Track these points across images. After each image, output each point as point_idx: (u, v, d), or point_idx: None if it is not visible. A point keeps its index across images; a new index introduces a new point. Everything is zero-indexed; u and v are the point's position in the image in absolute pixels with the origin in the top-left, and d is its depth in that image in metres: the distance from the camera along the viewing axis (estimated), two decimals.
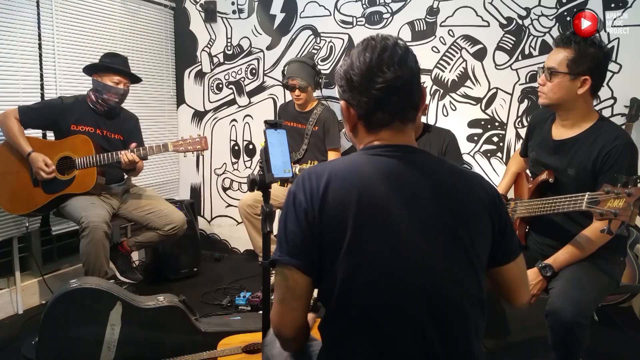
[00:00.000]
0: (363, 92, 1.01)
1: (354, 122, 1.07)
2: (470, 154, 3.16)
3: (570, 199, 1.61)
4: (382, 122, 1.03)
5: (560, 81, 1.73)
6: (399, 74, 0.99)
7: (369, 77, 1.00)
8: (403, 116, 1.04)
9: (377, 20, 3.25)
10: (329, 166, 1.02)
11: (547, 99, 1.79)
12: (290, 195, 1.02)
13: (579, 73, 1.71)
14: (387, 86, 0.99)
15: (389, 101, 1.01)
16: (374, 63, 1.00)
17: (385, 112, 1.02)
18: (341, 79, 1.06)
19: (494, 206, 1.05)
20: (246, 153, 3.77)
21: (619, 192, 1.40)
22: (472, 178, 1.07)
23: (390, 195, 0.97)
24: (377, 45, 1.01)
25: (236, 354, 1.96)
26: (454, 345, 0.98)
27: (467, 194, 1.03)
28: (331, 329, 1.03)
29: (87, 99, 2.62)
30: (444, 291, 0.97)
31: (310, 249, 0.98)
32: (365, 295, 0.96)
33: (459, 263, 0.99)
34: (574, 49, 1.71)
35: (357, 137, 1.10)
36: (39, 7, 2.71)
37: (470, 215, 1.01)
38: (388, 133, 1.04)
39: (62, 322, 1.93)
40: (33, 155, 2.43)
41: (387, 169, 1.00)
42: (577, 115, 1.79)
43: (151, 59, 3.59)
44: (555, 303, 1.61)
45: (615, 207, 1.39)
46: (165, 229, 2.67)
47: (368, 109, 1.02)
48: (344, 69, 1.05)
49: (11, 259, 2.74)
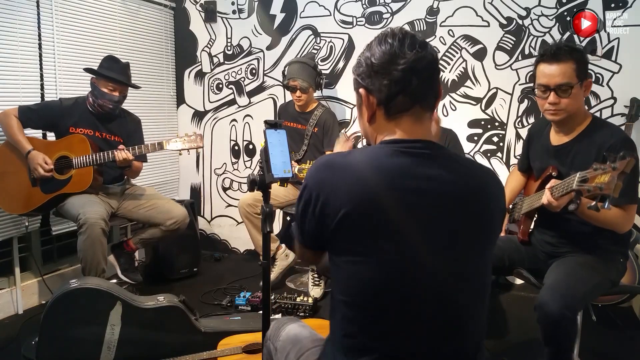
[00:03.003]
0: (384, 75, 1.00)
1: (373, 110, 1.05)
2: (470, 154, 3.16)
3: (564, 182, 1.62)
4: (402, 107, 1.01)
5: (576, 93, 1.74)
6: (421, 55, 0.99)
7: (390, 60, 0.99)
8: (424, 101, 1.02)
9: (377, 20, 3.25)
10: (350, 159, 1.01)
11: (565, 113, 1.78)
12: (306, 190, 1.02)
13: (583, 78, 1.75)
14: (409, 67, 0.98)
15: (410, 83, 0.99)
16: (396, 46, 0.99)
17: (406, 95, 1.00)
18: (360, 67, 1.05)
19: (504, 203, 1.07)
20: (246, 153, 3.77)
21: (605, 167, 1.41)
22: (489, 174, 1.07)
23: (407, 194, 0.96)
24: (398, 34, 1.02)
25: (236, 354, 1.96)
26: (460, 346, 0.99)
27: (486, 192, 1.03)
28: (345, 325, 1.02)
29: (86, 101, 2.62)
30: (456, 296, 0.98)
31: (321, 238, 1.02)
32: (381, 295, 0.96)
33: (474, 263, 1.00)
34: (575, 59, 1.73)
35: (375, 127, 1.07)
36: (39, 7, 2.71)
37: (488, 213, 1.02)
38: (408, 120, 1.02)
39: (62, 322, 1.93)
40: (33, 153, 2.44)
41: (405, 167, 0.98)
42: (576, 119, 1.81)
43: (151, 59, 3.59)
44: (543, 296, 1.63)
45: (602, 182, 1.40)
46: (167, 224, 2.68)
47: (389, 92, 1.00)
48: (364, 57, 1.04)
49: (11, 259, 2.74)
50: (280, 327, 1.32)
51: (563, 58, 1.72)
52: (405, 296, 0.96)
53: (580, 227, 1.76)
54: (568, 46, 1.75)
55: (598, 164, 1.45)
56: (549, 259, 1.91)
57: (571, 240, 1.85)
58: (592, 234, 1.76)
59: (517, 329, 2.57)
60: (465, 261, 0.99)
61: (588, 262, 1.77)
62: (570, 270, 1.74)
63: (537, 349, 2.31)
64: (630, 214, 1.72)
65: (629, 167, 1.37)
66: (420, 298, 0.96)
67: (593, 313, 2.63)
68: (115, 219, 2.70)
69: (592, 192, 1.44)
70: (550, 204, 1.67)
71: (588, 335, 1.64)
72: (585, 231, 1.77)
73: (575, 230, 1.81)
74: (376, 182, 0.95)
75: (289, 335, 1.27)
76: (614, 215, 1.67)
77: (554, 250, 1.90)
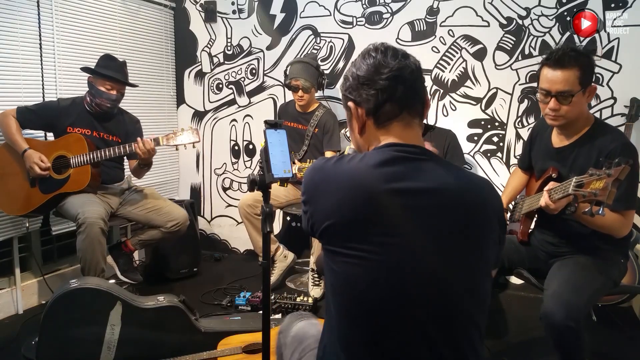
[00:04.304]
0: (370, 86, 1.04)
1: (363, 122, 1.08)
2: (470, 154, 3.16)
3: (561, 186, 1.62)
4: (391, 114, 1.04)
5: (577, 100, 1.72)
6: (404, 63, 1.04)
7: (375, 70, 1.04)
8: (411, 107, 1.05)
9: (377, 20, 3.25)
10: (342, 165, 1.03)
11: (565, 119, 1.76)
12: (303, 193, 1.06)
13: (587, 85, 1.72)
14: (393, 75, 1.02)
15: (396, 90, 1.03)
16: (380, 58, 1.04)
17: (393, 102, 1.03)
18: (347, 81, 1.10)
19: (501, 212, 1.08)
20: (246, 153, 3.77)
21: (600, 173, 1.42)
22: (483, 183, 1.07)
23: (401, 195, 0.96)
24: (380, 47, 1.07)
25: (236, 354, 1.96)
26: (460, 349, 0.98)
27: (480, 201, 1.02)
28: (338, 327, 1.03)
29: (83, 101, 2.62)
30: (454, 299, 0.97)
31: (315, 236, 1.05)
32: (379, 304, 0.96)
33: (471, 270, 0.99)
34: (579, 66, 1.69)
35: (366, 138, 1.10)
36: (39, 7, 2.71)
37: (483, 221, 1.02)
38: (398, 127, 1.05)
39: (62, 322, 1.93)
40: (28, 152, 2.44)
41: (396, 175, 0.98)
42: (578, 123, 1.80)
43: (151, 59, 3.58)
44: (547, 306, 1.63)
45: (597, 188, 1.40)
46: (168, 226, 2.68)
47: (377, 101, 1.04)
48: (350, 72, 1.09)
49: (11, 259, 2.74)
50: (293, 322, 1.35)
51: (567, 64, 1.68)
52: (396, 299, 0.96)
53: (580, 227, 1.76)
54: (575, 51, 1.70)
55: (594, 169, 1.46)
56: (549, 259, 1.91)
57: (572, 241, 1.85)
58: (593, 235, 1.76)
59: (517, 329, 2.57)
60: (460, 265, 0.98)
61: (589, 264, 1.77)
62: (572, 275, 1.73)
63: (537, 349, 2.31)
64: (628, 220, 1.71)
65: (623, 174, 1.38)
66: (413, 301, 0.96)
67: (593, 313, 2.63)
68: (115, 219, 2.70)
69: (587, 197, 1.45)
70: (548, 206, 1.67)
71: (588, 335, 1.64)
72: (586, 232, 1.76)
73: (575, 231, 1.81)
74: (368, 185, 0.97)
75: (298, 332, 1.29)
76: (611, 220, 1.67)
77: (555, 250, 1.90)
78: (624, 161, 1.37)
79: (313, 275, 3.02)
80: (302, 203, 1.08)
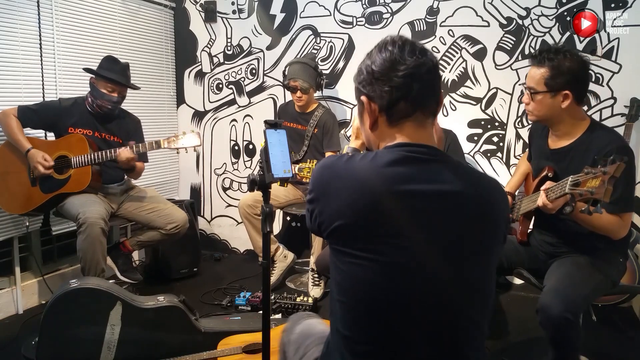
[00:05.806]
0: (385, 82, 1.00)
1: (375, 117, 1.05)
2: (470, 154, 3.16)
3: (558, 185, 1.62)
4: (404, 113, 1.01)
5: (541, 99, 1.75)
6: (421, 61, 1.00)
7: (391, 66, 1.00)
8: (425, 107, 1.02)
9: (377, 20, 3.25)
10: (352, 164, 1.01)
11: (533, 116, 1.83)
12: (310, 191, 1.04)
13: (558, 89, 1.72)
14: (409, 73, 0.99)
15: (411, 89, 0.99)
16: (396, 53, 1.00)
17: (407, 101, 1.00)
18: (361, 74, 1.06)
19: (507, 211, 1.08)
20: (246, 153, 3.77)
21: (596, 171, 1.42)
22: (492, 184, 1.05)
23: (411, 197, 0.95)
24: (398, 41, 1.02)
25: (236, 354, 1.96)
26: (463, 350, 0.99)
27: (489, 204, 1.01)
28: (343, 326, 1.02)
29: (85, 102, 2.62)
30: (460, 301, 0.97)
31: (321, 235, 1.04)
32: (384, 304, 0.96)
33: (477, 273, 0.99)
34: (549, 67, 1.72)
35: (377, 134, 1.07)
36: (39, 7, 2.71)
37: (491, 224, 1.01)
38: (410, 126, 1.02)
39: (62, 322, 1.93)
40: (32, 152, 2.44)
41: (406, 176, 0.97)
42: (568, 125, 1.81)
43: (151, 59, 3.58)
44: (545, 299, 1.63)
45: (593, 186, 1.41)
46: (168, 228, 2.68)
47: (390, 98, 1.01)
48: (364, 65, 1.05)
49: (11, 259, 2.74)
50: (298, 320, 1.35)
51: (539, 62, 1.75)
52: (403, 300, 0.95)
53: (579, 227, 1.76)
54: (557, 52, 1.72)
55: (589, 167, 1.47)
56: (548, 259, 1.91)
57: (571, 241, 1.85)
58: (591, 235, 1.76)
59: (517, 329, 2.57)
60: (469, 267, 0.98)
61: (588, 263, 1.77)
62: (570, 272, 1.74)
63: (537, 349, 2.31)
64: (625, 221, 1.71)
65: (618, 171, 1.38)
66: (420, 303, 0.95)
67: (593, 313, 2.63)
68: (115, 219, 2.70)
69: (584, 196, 1.45)
70: (546, 206, 1.67)
71: (588, 335, 1.64)
72: (584, 231, 1.76)
73: (574, 231, 1.81)
74: (378, 186, 0.95)
75: (304, 329, 1.29)
76: (608, 221, 1.67)
77: (554, 250, 1.90)
78: (619, 158, 1.37)
79: (313, 275, 3.02)
80: (307, 201, 1.05)
